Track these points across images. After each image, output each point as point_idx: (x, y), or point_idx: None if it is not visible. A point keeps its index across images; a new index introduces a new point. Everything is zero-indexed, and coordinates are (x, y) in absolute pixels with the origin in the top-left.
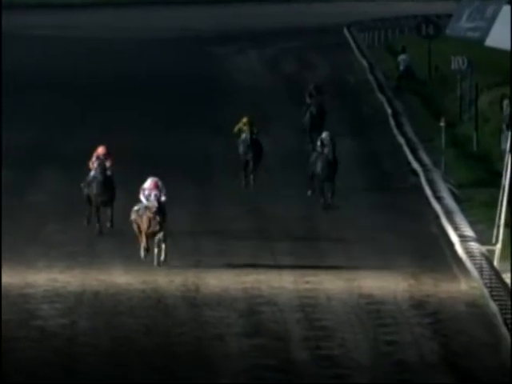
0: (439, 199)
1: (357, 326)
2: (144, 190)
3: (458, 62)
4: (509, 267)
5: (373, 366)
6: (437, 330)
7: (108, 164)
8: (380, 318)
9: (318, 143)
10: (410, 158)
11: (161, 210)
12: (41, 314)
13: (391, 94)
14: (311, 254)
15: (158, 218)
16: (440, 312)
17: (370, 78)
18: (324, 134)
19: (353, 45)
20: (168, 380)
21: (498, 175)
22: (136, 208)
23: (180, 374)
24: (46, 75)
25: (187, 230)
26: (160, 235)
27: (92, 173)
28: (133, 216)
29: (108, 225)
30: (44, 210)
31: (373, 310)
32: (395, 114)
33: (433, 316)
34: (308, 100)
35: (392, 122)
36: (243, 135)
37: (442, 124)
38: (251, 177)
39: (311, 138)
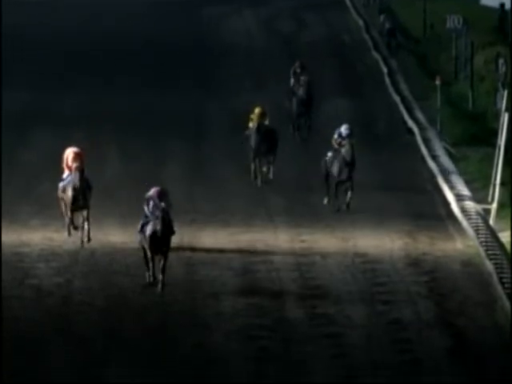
0: (435, 158)
1: (352, 285)
2: (148, 200)
3: (453, 21)
4: (504, 226)
5: (368, 325)
6: (432, 289)
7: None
8: (375, 276)
9: (335, 136)
10: (406, 116)
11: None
12: (36, 272)
13: (387, 52)
14: (307, 212)
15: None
16: (436, 271)
17: (366, 37)
18: (344, 128)
19: (348, 4)
20: (162, 338)
21: (494, 134)
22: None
23: (174, 331)
24: (39, 39)
25: (182, 189)
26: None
27: (67, 176)
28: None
29: (85, 239)
30: (37, 170)
31: (368, 269)
32: (390, 73)
33: (428, 275)
34: (292, 80)
35: (387, 81)
36: (251, 126)
37: (438, 83)
38: (265, 169)
39: (298, 124)
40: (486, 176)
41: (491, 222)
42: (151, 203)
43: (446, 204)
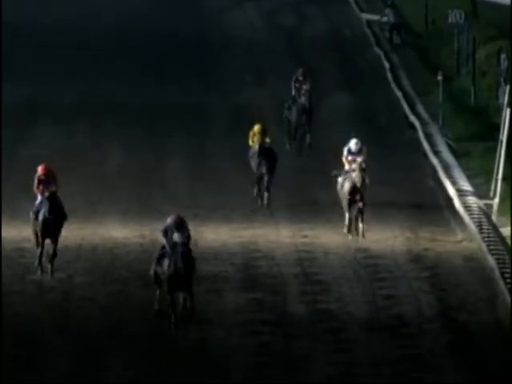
0: (437, 153)
1: (354, 281)
2: (166, 230)
3: (454, 16)
4: (506, 221)
5: (370, 320)
6: (434, 284)
7: (53, 188)
8: (377, 272)
9: (345, 153)
10: (408, 111)
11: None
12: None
13: (388, 48)
14: (308, 208)
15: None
16: (437, 266)
17: (368, 31)
18: (353, 143)
19: None
20: (163, 333)
21: (496, 129)
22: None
23: (176, 327)
24: (39, 33)
25: (183, 185)
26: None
27: (38, 200)
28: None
29: (49, 270)
30: (38, 165)
31: (370, 264)
32: (392, 68)
33: (430, 270)
34: (294, 90)
35: (389, 76)
36: (254, 146)
37: (440, 78)
38: (266, 194)
39: (295, 136)
40: (487, 171)
41: (493, 217)
42: (169, 234)
43: (448, 199)
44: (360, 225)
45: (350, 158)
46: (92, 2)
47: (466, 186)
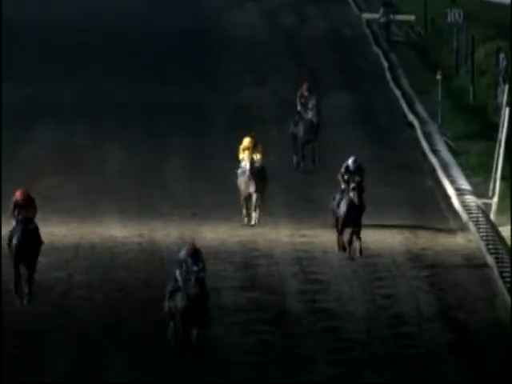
0: (435, 152)
1: (353, 280)
2: (181, 263)
3: (453, 15)
4: (505, 220)
5: (369, 319)
6: (433, 284)
7: (29, 213)
8: (376, 271)
9: (342, 170)
10: (407, 110)
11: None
12: (37, 267)
13: (387, 47)
14: (307, 207)
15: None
16: (436, 265)
17: (367, 31)
18: (351, 161)
19: None
20: (162, 332)
21: (494, 128)
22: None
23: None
24: (39, 32)
25: (183, 183)
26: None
27: (13, 225)
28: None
29: (25, 300)
30: (38, 165)
31: (369, 264)
32: (391, 67)
33: (429, 269)
34: (299, 105)
35: (388, 75)
36: (242, 164)
37: (439, 77)
38: (254, 214)
39: (302, 152)
40: (486, 170)
41: (492, 216)
42: (184, 266)
43: (447, 198)
44: (357, 243)
45: (347, 176)
46: (92, 2)
47: (465, 184)
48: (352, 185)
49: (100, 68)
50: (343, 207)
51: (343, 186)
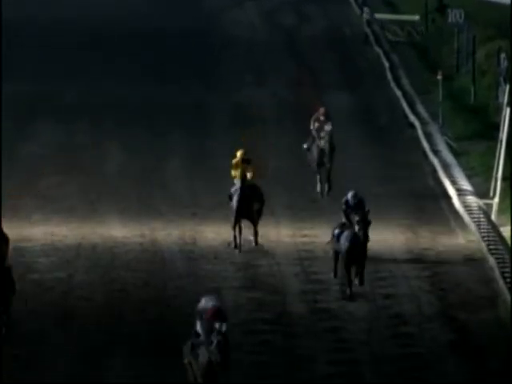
0: (436, 152)
1: (354, 280)
2: (201, 313)
3: (454, 15)
4: (506, 220)
5: (370, 319)
6: (434, 284)
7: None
8: (377, 271)
9: (343, 206)
10: (407, 111)
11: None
12: (37, 267)
13: (388, 47)
14: (308, 207)
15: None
16: (437, 265)
17: (367, 31)
18: (350, 196)
19: None
20: (163, 333)
21: (495, 128)
22: None
23: (175, 326)
24: (39, 31)
25: (183, 183)
26: None
27: None
28: None
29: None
30: (38, 164)
31: (370, 263)
32: (392, 67)
33: (430, 269)
34: (313, 130)
35: (389, 75)
36: (235, 183)
37: (439, 77)
38: (251, 237)
39: (320, 176)
40: (487, 170)
41: (493, 216)
42: (204, 318)
43: (448, 198)
44: (360, 276)
45: (348, 212)
46: (92, 2)
47: (466, 185)
48: (356, 218)
49: (100, 68)
50: (345, 242)
51: (343, 220)
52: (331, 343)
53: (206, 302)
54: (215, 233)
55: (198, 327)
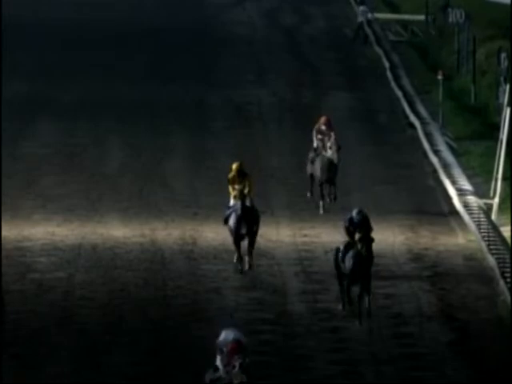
0: (436, 152)
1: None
2: (221, 347)
3: (455, 15)
4: (506, 221)
5: (370, 319)
6: (434, 283)
7: None
8: (377, 271)
9: (347, 224)
10: (408, 110)
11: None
12: (38, 267)
13: (389, 47)
14: (308, 207)
15: None
16: (438, 265)
17: (368, 30)
18: (355, 213)
19: None
20: (163, 332)
21: (496, 128)
22: None
23: (175, 326)
24: (39, 29)
25: (183, 182)
26: None
27: None
28: None
29: None
30: (39, 163)
31: None
32: (392, 67)
33: (430, 269)
34: (315, 140)
35: (389, 75)
36: (232, 201)
37: (440, 77)
38: (246, 258)
39: (322, 192)
40: (487, 170)
41: (493, 216)
42: (224, 352)
43: (448, 198)
44: (365, 299)
45: (352, 230)
46: (92, 2)
47: (466, 185)
48: (357, 236)
49: (100, 68)
50: (349, 262)
51: (347, 238)
52: (331, 343)
53: (226, 335)
54: (215, 233)
55: (218, 362)
